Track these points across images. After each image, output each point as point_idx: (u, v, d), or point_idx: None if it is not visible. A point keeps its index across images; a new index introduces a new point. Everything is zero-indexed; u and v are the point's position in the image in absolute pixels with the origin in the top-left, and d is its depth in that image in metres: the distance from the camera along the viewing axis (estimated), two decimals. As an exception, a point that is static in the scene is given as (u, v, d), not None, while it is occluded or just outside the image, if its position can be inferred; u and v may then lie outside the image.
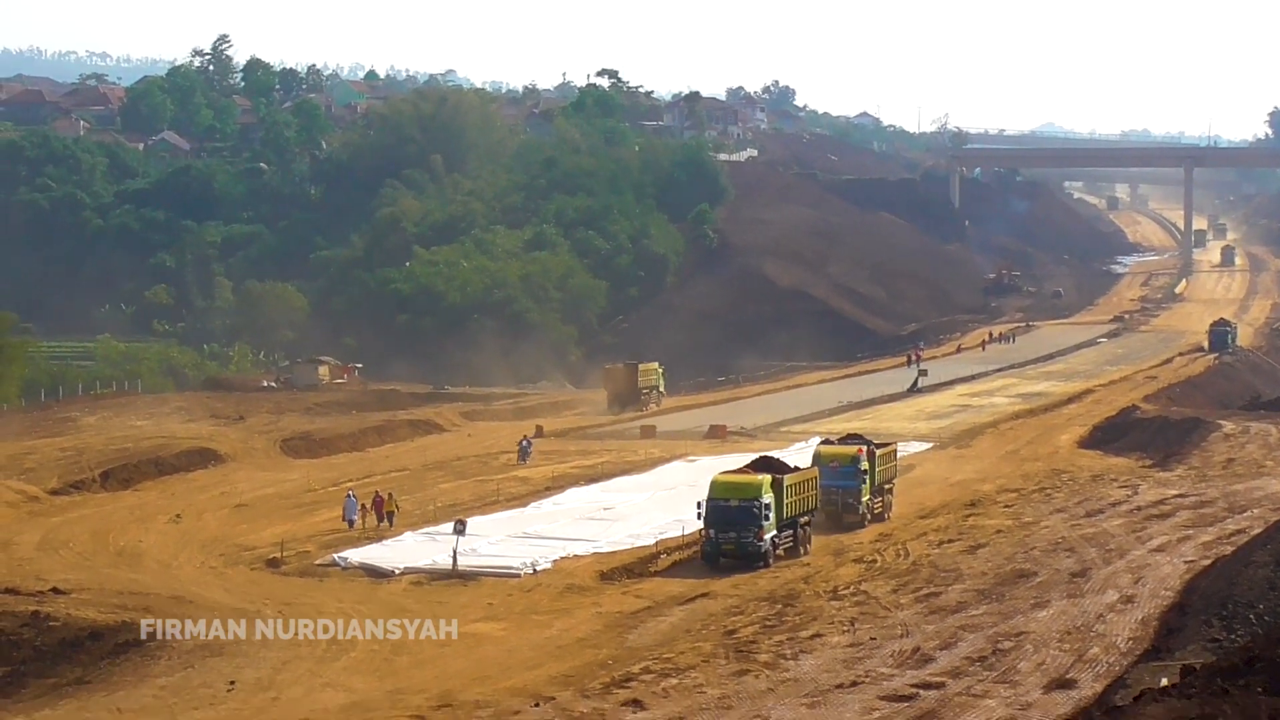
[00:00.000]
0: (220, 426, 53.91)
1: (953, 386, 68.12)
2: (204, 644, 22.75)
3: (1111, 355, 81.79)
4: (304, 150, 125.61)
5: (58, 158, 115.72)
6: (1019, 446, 49.85)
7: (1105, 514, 35.09)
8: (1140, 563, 28.44)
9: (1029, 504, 37.48)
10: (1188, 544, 30.54)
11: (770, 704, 18.25)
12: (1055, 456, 46.96)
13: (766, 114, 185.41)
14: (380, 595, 27.27)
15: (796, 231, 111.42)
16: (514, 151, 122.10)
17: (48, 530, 34.05)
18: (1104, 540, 31.16)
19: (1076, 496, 38.44)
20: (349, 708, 19.03)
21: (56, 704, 20.19)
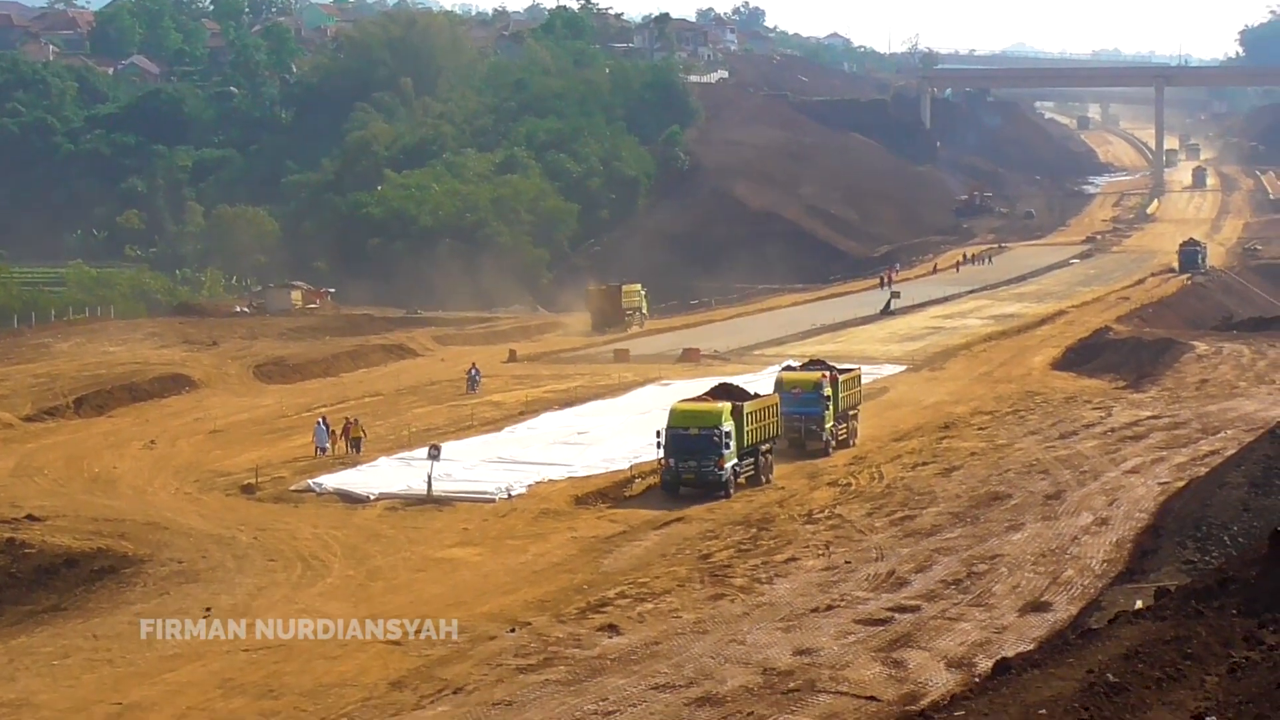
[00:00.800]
0: (193, 352, 53.43)
1: (925, 309, 68.08)
2: (179, 570, 22.84)
3: (1084, 276, 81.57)
4: (274, 74, 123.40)
5: (27, 82, 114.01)
6: (992, 369, 49.93)
7: (1079, 436, 35.28)
8: (1114, 484, 28.59)
9: (1003, 426, 37.60)
10: (1161, 465, 30.63)
11: (746, 628, 18.39)
12: (1028, 378, 47.09)
13: (736, 35, 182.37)
14: (355, 520, 27.27)
15: (767, 153, 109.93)
16: (484, 74, 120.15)
17: (22, 457, 33.83)
18: (1078, 462, 31.31)
19: (1050, 418, 38.48)
20: (323, 633, 19.04)
21: (33, 631, 20.23)
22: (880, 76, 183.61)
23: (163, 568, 22.96)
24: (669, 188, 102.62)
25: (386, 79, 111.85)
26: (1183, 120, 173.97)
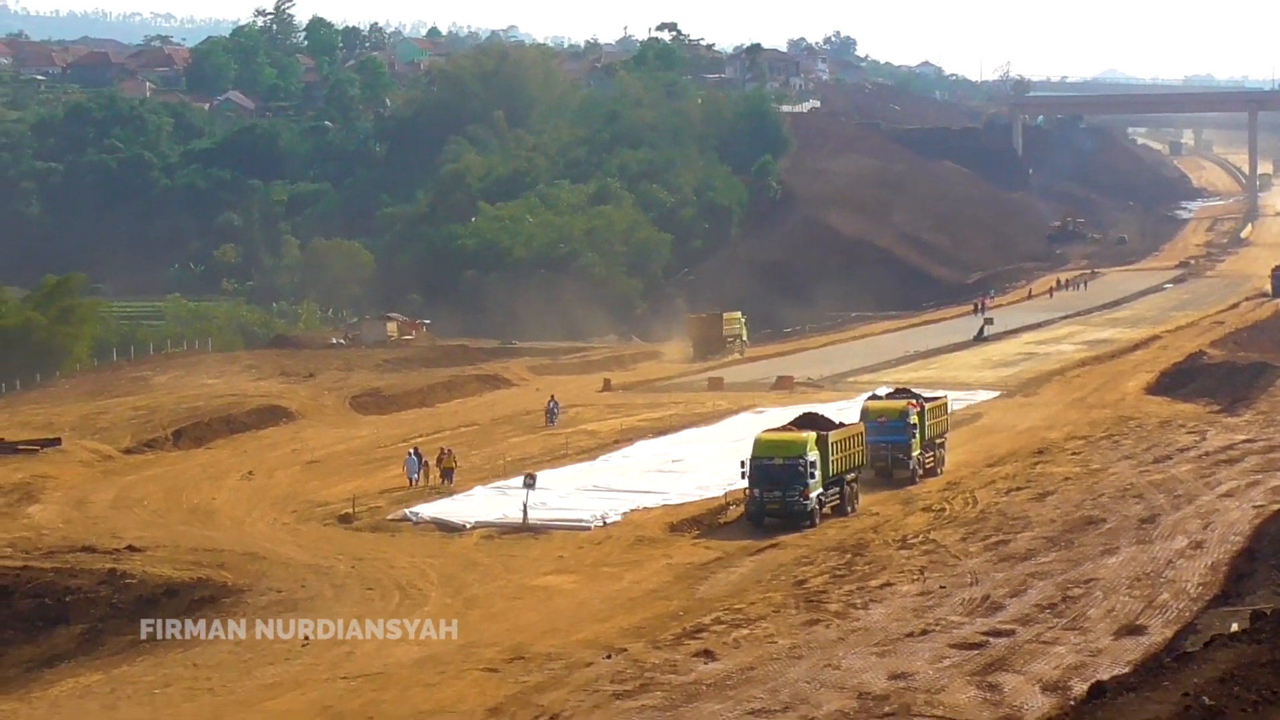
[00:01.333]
0: (290, 384, 54.66)
1: (1019, 335, 67.74)
2: (278, 599, 23.21)
3: (1177, 301, 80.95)
4: (368, 108, 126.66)
5: (124, 119, 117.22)
6: (1086, 394, 49.52)
7: (1173, 460, 35.13)
8: (1209, 508, 28.53)
9: (1097, 451, 37.42)
10: (1256, 489, 30.52)
11: (841, 653, 18.48)
12: (1122, 403, 46.81)
13: (828, 65, 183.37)
14: (451, 549, 27.67)
15: (860, 181, 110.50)
16: (576, 107, 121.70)
17: (122, 488, 34.77)
18: (1173, 486, 31.30)
19: (1144, 443, 38.37)
20: (422, 661, 19.36)
21: (134, 660, 20.58)
22: (972, 104, 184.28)
23: (261, 597, 23.26)
24: (761, 217, 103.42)
25: (479, 112, 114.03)
26: (1276, 145, 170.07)
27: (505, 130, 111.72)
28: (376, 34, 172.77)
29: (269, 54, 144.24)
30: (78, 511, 31.81)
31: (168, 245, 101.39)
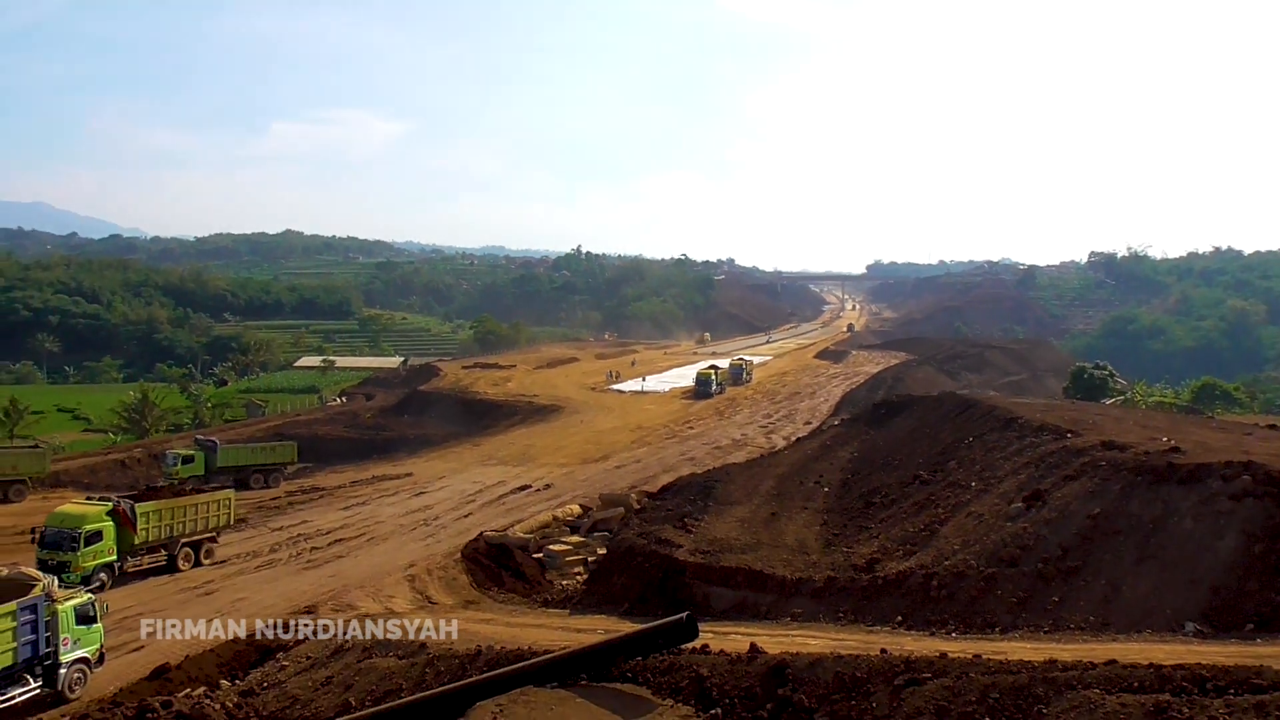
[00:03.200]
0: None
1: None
2: (577, 409, 76.19)
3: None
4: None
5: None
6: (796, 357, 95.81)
7: (820, 377, 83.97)
8: (829, 390, 76.31)
9: (801, 375, 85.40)
10: (841, 384, 77.20)
11: (726, 427, 68.56)
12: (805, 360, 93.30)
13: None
14: (622, 398, 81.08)
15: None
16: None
17: (535, 379, 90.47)
18: (820, 384, 79.41)
19: (810, 373, 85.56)
20: (615, 429, 69.67)
21: (540, 423, 73.15)
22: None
23: (570, 409, 76.47)
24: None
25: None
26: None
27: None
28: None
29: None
30: (523, 382, 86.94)
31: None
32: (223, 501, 37.78)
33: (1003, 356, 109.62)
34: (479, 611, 28.58)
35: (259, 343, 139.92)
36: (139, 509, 33.36)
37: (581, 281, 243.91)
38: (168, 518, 34.59)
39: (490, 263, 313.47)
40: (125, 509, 32.94)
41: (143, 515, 33.36)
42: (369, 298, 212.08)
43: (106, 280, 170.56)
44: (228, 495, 38.55)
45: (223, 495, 38.22)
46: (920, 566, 21.90)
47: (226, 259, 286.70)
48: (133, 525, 32.81)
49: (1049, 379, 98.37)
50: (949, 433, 36.78)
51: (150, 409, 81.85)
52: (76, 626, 22.14)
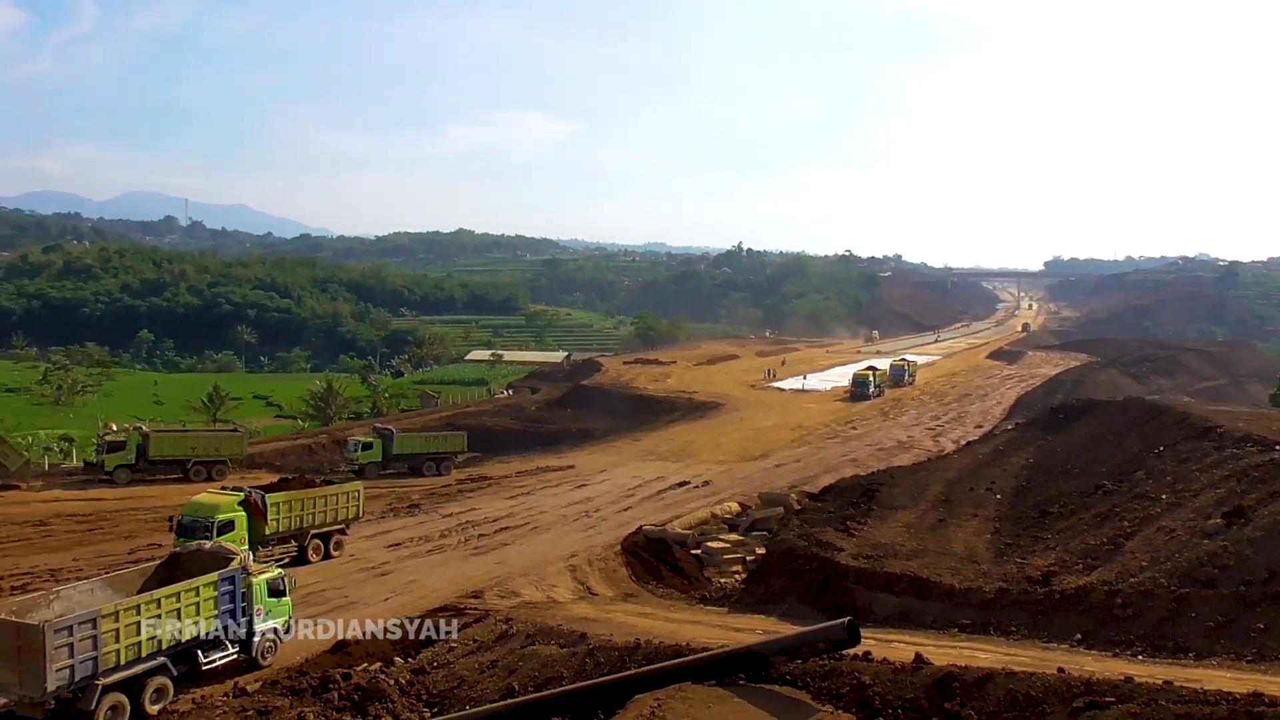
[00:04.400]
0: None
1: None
2: (735, 407, 75.83)
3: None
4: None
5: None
6: (964, 360, 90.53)
7: (992, 379, 79.02)
8: (1002, 393, 72.11)
9: (967, 377, 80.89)
10: (1015, 386, 72.49)
11: (890, 428, 66.67)
12: (977, 361, 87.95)
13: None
14: (780, 396, 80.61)
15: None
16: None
17: (695, 376, 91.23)
18: (992, 387, 74.94)
19: (980, 374, 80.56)
20: (775, 426, 69.13)
21: (699, 419, 73.10)
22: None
23: (730, 407, 76.28)
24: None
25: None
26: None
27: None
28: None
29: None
30: (682, 378, 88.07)
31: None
32: (351, 494, 37.36)
33: (1198, 360, 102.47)
34: (638, 605, 28.85)
35: (433, 336, 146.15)
36: (270, 500, 33.40)
37: (742, 278, 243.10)
38: (297, 509, 34.52)
39: (651, 259, 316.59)
40: (256, 499, 32.97)
41: (273, 506, 33.39)
42: (535, 294, 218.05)
43: (297, 277, 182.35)
44: (356, 488, 38.09)
45: (351, 488, 37.83)
46: (1103, 582, 20.64)
47: (404, 256, 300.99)
48: (263, 516, 32.81)
49: (1252, 385, 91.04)
50: (1135, 441, 34.58)
51: (334, 398, 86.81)
52: (269, 599, 23.68)
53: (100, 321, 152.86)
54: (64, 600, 20.96)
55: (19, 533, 38.65)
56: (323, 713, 18.62)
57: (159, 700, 20.62)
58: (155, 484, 48.75)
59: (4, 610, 19.79)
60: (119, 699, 19.82)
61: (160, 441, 51.93)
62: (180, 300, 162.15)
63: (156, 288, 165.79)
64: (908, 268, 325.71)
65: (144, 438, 51.59)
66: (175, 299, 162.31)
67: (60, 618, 19.21)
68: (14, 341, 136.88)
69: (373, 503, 46.60)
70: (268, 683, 21.41)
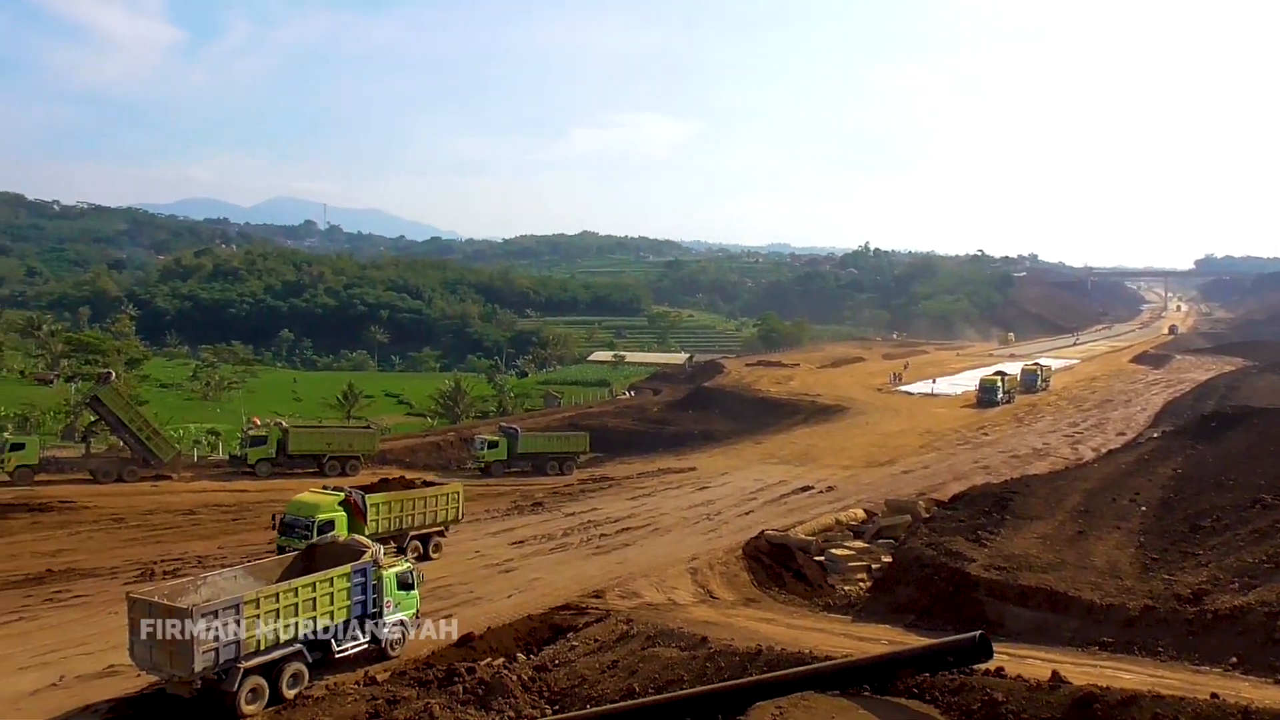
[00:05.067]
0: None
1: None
2: (860, 411, 74.32)
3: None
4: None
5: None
6: (1107, 362, 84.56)
7: (1135, 384, 73.86)
8: (1146, 399, 67.59)
9: (1110, 381, 75.98)
10: (1162, 391, 67.75)
11: (1025, 434, 64.10)
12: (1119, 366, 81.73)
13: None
14: (911, 400, 78.70)
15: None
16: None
17: (819, 378, 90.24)
18: (1136, 392, 70.20)
19: (1122, 379, 75.53)
20: (902, 431, 67.24)
21: (823, 422, 71.69)
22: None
23: (855, 411, 74.79)
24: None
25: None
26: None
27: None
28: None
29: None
30: (805, 380, 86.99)
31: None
32: (451, 495, 37.16)
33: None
34: (759, 610, 28.51)
35: (556, 337, 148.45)
36: (369, 500, 33.44)
37: (868, 279, 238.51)
38: (397, 509, 34.58)
39: (775, 260, 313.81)
40: (356, 499, 32.86)
41: (373, 506, 33.44)
42: (657, 295, 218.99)
43: (427, 279, 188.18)
44: (456, 489, 37.89)
45: (451, 489, 37.62)
46: (1262, 603, 19.26)
47: (529, 259, 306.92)
48: (363, 516, 32.72)
49: None
50: (1298, 452, 32.20)
51: (461, 397, 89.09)
52: (398, 591, 24.37)
53: (245, 321, 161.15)
54: (210, 586, 22.06)
55: (170, 520, 41.01)
56: (448, 705, 19.02)
57: (295, 685, 21.45)
58: (293, 477, 50.89)
59: (157, 593, 20.95)
60: (258, 682, 20.70)
61: (299, 437, 54.27)
62: (318, 301, 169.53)
63: (296, 289, 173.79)
64: (1044, 267, 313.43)
65: (284, 433, 54.00)
66: (314, 300, 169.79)
67: (207, 602, 20.22)
68: (168, 340, 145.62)
69: (497, 500, 47.75)
70: (396, 673, 22.04)
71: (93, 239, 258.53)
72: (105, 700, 20.85)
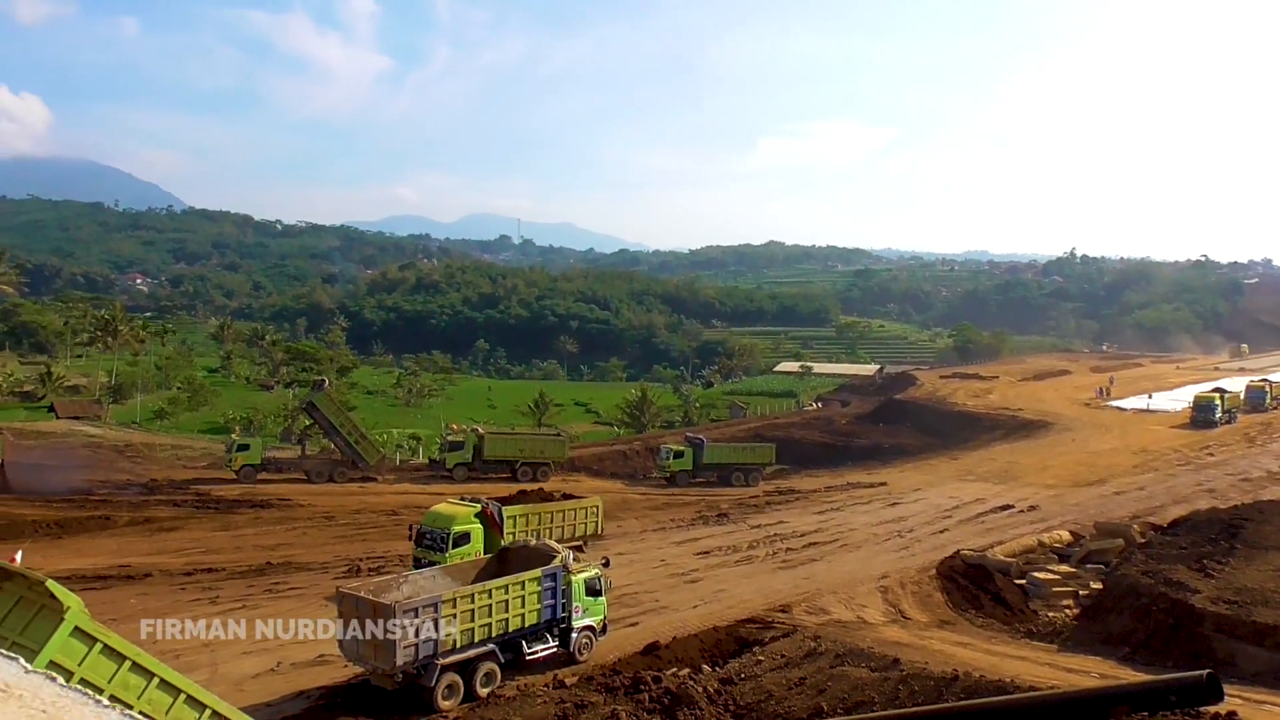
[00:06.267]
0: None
1: None
2: (1066, 427, 69.63)
3: None
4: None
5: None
6: None
7: None
8: None
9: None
10: None
11: (1256, 456, 58.44)
12: None
13: None
14: (1123, 416, 73.14)
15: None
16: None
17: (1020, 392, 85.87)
18: None
19: None
20: (1114, 450, 62.64)
21: (1023, 439, 67.45)
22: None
23: (1059, 427, 70.15)
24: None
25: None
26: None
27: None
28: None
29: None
30: (1005, 394, 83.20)
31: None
32: (590, 509, 36.37)
33: None
34: (955, 633, 27.17)
35: (742, 348, 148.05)
36: (506, 512, 32.90)
37: (1075, 287, 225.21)
38: (534, 523, 34.03)
39: (972, 268, 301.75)
40: (493, 511, 32.20)
41: (509, 519, 32.92)
42: (846, 305, 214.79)
43: (615, 290, 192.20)
44: (595, 503, 37.11)
45: (590, 503, 36.82)
46: None
47: (715, 269, 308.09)
48: (500, 529, 32.05)
49: None
50: None
51: (648, 406, 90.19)
52: (586, 597, 24.76)
53: (444, 331, 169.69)
54: (411, 584, 23.10)
55: (375, 520, 43.41)
56: (634, 712, 19.06)
57: (488, 684, 22.12)
58: (488, 481, 52.89)
59: (364, 589, 22.13)
60: (454, 679, 21.47)
61: (494, 442, 56.39)
62: (512, 312, 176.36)
63: (492, 301, 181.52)
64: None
65: (479, 439, 56.25)
66: (507, 311, 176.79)
67: (409, 599, 21.17)
68: (374, 349, 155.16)
69: (682, 510, 47.88)
70: (584, 678, 22.32)
71: (309, 255, 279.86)
72: (317, 687, 22.17)
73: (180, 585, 31.46)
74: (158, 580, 32.07)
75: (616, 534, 40.70)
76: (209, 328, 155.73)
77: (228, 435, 65.36)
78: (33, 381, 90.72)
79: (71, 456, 55.31)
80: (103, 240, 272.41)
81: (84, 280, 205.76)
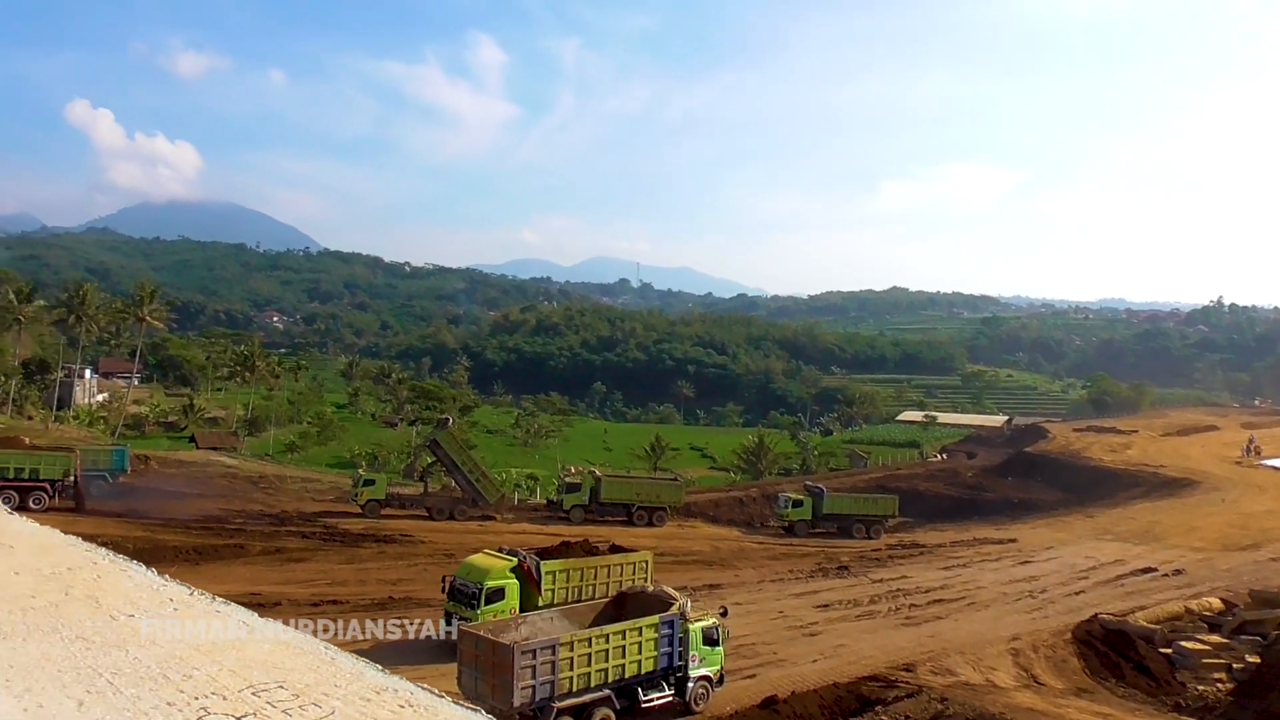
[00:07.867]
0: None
1: None
2: (1212, 487, 64.93)
3: None
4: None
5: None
6: None
7: None
8: None
9: None
10: None
11: None
12: None
13: None
14: (1263, 474, 67.40)
15: None
16: None
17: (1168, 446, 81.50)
18: None
19: None
20: (1270, 512, 57.88)
21: (1169, 498, 64.11)
22: None
23: (1206, 486, 65.57)
24: None
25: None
26: None
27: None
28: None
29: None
30: (1146, 449, 78.93)
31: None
32: (639, 564, 32.83)
33: None
34: (1094, 702, 25.58)
35: (863, 395, 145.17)
36: (545, 567, 30.20)
37: (1223, 337, 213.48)
38: (575, 579, 30.82)
39: (1108, 316, 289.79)
40: (530, 566, 29.93)
41: (548, 574, 30.13)
42: (972, 354, 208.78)
43: (733, 335, 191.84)
44: (644, 558, 33.54)
45: (639, 558, 33.30)
46: None
47: (835, 315, 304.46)
48: (537, 585, 29.75)
49: None
50: None
51: (765, 453, 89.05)
52: (703, 646, 24.28)
53: (563, 373, 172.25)
54: (530, 625, 23.10)
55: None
56: (752, 769, 18.45)
57: (603, 731, 21.81)
58: (604, 524, 52.84)
59: (483, 629, 22.21)
60: (570, 724, 21.25)
61: (610, 486, 56.44)
62: (629, 356, 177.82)
63: (610, 344, 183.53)
64: None
65: (596, 481, 56.40)
66: (625, 354, 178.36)
67: (526, 640, 21.13)
68: (495, 389, 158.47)
69: (801, 561, 46.78)
70: (700, 729, 21.80)
71: (435, 296, 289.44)
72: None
73: (308, 615, 32.32)
74: (286, 609, 32.96)
75: (734, 583, 40.01)
76: (339, 365, 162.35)
77: (354, 470, 67.41)
78: (176, 412, 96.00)
79: (209, 486, 57.99)
80: (244, 279, 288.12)
81: (225, 317, 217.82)
